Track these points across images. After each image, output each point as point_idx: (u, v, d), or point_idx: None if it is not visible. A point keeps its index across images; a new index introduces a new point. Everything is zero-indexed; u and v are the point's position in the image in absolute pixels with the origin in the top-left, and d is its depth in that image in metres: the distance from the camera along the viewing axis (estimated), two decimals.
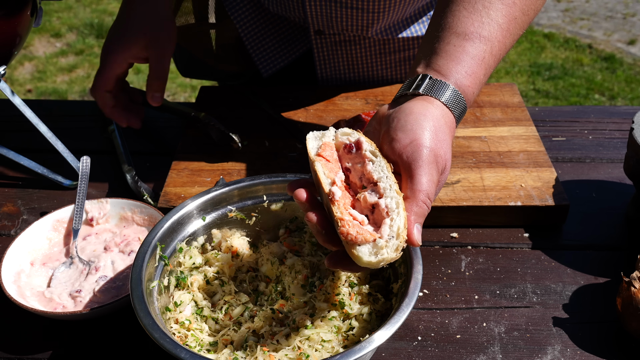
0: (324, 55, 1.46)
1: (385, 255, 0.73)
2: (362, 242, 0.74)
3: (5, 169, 1.37)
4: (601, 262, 1.11)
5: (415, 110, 0.83)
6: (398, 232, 0.74)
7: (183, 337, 0.90)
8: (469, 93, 0.88)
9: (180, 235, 0.99)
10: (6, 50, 1.23)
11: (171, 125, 1.51)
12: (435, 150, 0.80)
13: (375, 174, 0.79)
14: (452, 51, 0.88)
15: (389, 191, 0.77)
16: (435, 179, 0.80)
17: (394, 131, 0.82)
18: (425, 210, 0.78)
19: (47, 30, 4.97)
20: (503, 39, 0.91)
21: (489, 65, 0.90)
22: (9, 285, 1.00)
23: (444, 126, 0.83)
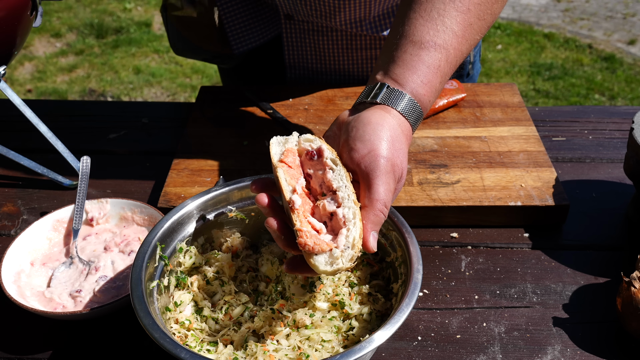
0: (292, 41, 1.49)
1: (341, 265, 0.76)
2: (319, 252, 0.76)
3: (5, 169, 1.38)
4: (601, 262, 1.11)
5: (372, 120, 0.85)
6: (354, 242, 0.77)
7: (183, 337, 0.90)
8: (425, 101, 0.91)
9: (180, 235, 0.99)
10: (6, 50, 1.23)
11: (171, 125, 1.51)
12: (392, 160, 0.83)
13: (335, 183, 0.82)
14: (408, 60, 0.90)
15: (347, 201, 0.80)
16: (392, 187, 0.83)
17: (352, 141, 0.85)
18: (381, 218, 0.81)
19: (47, 30, 4.97)
20: (459, 46, 0.93)
21: (444, 73, 0.92)
22: (9, 285, 1.00)
23: (400, 135, 0.86)
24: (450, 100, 1.43)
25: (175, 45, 1.53)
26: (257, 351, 0.86)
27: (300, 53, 1.52)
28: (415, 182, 1.22)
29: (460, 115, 1.43)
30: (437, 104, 1.41)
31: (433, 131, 1.38)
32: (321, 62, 1.53)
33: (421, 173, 1.24)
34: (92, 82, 4.35)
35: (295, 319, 0.90)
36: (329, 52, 1.50)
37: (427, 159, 1.29)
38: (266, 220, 0.82)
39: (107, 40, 4.88)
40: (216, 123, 1.42)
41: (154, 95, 4.20)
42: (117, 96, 4.18)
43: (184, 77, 4.38)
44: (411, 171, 1.25)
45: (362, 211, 0.80)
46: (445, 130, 1.38)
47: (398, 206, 1.16)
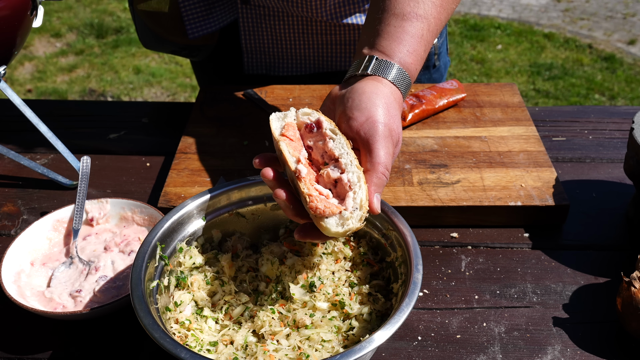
0: (248, 26, 1.51)
1: (351, 226, 0.80)
2: (330, 215, 0.80)
3: (5, 169, 1.38)
4: (601, 262, 1.11)
5: (367, 89, 0.90)
6: (361, 203, 0.81)
7: (183, 337, 0.90)
8: (412, 69, 0.96)
9: (180, 235, 0.99)
10: (6, 50, 1.23)
11: (171, 125, 1.51)
12: (389, 125, 0.87)
13: (337, 151, 0.85)
14: (393, 32, 0.96)
15: (350, 166, 0.83)
16: (391, 151, 0.87)
17: (350, 110, 0.89)
18: (384, 180, 0.86)
19: (47, 30, 4.97)
20: (438, 15, 0.99)
21: (427, 42, 0.98)
22: (9, 285, 1.00)
23: (393, 102, 0.91)
24: (450, 100, 1.43)
25: (144, 38, 1.53)
26: (257, 351, 0.86)
27: (257, 38, 1.53)
28: (415, 182, 1.22)
29: (460, 115, 1.43)
30: (437, 104, 1.41)
31: (433, 131, 1.38)
32: (278, 46, 1.54)
33: (421, 173, 1.24)
34: (92, 82, 4.35)
35: (295, 319, 0.90)
36: (286, 37, 1.52)
37: (427, 159, 1.29)
38: (274, 192, 0.85)
39: (107, 40, 4.88)
40: (216, 123, 1.42)
41: (154, 95, 4.20)
42: (117, 96, 4.18)
43: (184, 77, 4.38)
44: (411, 171, 1.25)
45: (365, 175, 0.84)
46: (445, 130, 1.38)
47: (398, 206, 1.16)
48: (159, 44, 1.52)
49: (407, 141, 1.35)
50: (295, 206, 0.85)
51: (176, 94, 4.20)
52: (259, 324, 0.90)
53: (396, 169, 1.26)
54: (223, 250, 1.03)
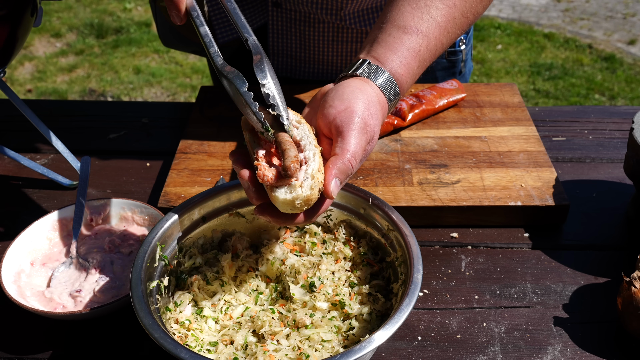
0: (277, 29, 1.51)
1: (300, 193, 0.80)
2: (279, 185, 0.81)
3: (5, 169, 1.38)
4: (601, 262, 1.11)
5: (352, 84, 0.91)
6: (312, 173, 0.81)
7: (183, 337, 0.90)
8: (403, 82, 0.96)
9: (180, 235, 0.99)
10: (6, 50, 1.23)
11: (171, 125, 1.51)
12: (366, 119, 0.87)
13: (299, 136, 0.87)
14: (391, 42, 0.96)
15: (308, 146, 0.85)
16: (363, 144, 0.86)
17: (331, 99, 0.90)
18: (349, 168, 0.84)
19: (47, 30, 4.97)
20: (440, 37, 0.99)
21: (423, 59, 0.98)
22: (9, 285, 1.00)
23: (376, 102, 0.91)
24: (450, 100, 1.43)
25: (165, 36, 1.53)
26: (257, 351, 0.86)
27: (285, 41, 1.53)
28: (415, 182, 1.22)
29: (460, 115, 1.43)
30: (437, 104, 1.41)
31: (433, 131, 1.38)
32: (306, 51, 1.54)
33: (421, 173, 1.24)
34: (92, 82, 4.35)
35: (295, 319, 0.90)
36: (314, 42, 1.52)
37: (427, 159, 1.29)
38: (238, 173, 0.86)
39: (107, 40, 4.88)
40: (216, 123, 1.42)
41: (154, 95, 4.20)
42: (117, 96, 4.18)
43: (184, 77, 4.38)
44: (411, 171, 1.25)
45: (331, 158, 0.84)
46: (445, 130, 1.38)
47: (398, 206, 1.16)
48: (182, 43, 1.53)
49: (407, 141, 1.35)
50: (257, 188, 0.86)
51: (176, 94, 4.20)
52: (259, 324, 0.90)
53: (396, 169, 1.26)
54: (223, 250, 1.03)
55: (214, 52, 0.90)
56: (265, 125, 0.85)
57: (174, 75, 4.38)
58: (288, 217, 0.85)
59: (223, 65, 0.88)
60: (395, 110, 1.36)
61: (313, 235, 1.03)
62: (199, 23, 0.93)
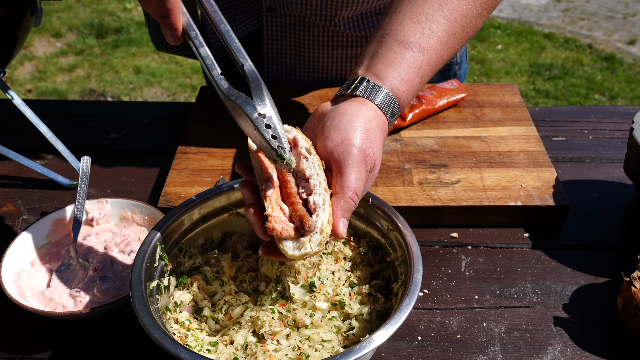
0: (272, 34, 1.50)
1: (308, 250, 0.79)
2: (287, 237, 0.79)
3: (5, 169, 1.38)
4: (601, 262, 1.11)
5: (349, 111, 0.88)
6: (322, 227, 0.79)
7: (183, 337, 0.90)
8: (403, 98, 0.93)
9: (180, 235, 0.99)
10: (6, 50, 1.23)
11: (171, 125, 1.51)
12: (365, 150, 0.85)
13: (308, 171, 0.84)
14: (391, 57, 0.93)
15: (318, 188, 0.82)
16: (364, 177, 0.85)
17: (327, 130, 0.87)
18: (352, 205, 0.83)
19: (47, 30, 4.97)
20: (441, 52, 0.97)
21: (424, 75, 0.96)
22: (9, 285, 1.00)
23: (375, 127, 0.88)
24: (450, 100, 1.43)
25: (158, 40, 1.52)
26: (257, 351, 0.86)
27: (280, 47, 1.52)
28: (415, 182, 1.22)
29: (460, 115, 1.43)
30: (437, 104, 1.41)
31: (433, 131, 1.38)
32: (300, 57, 1.53)
33: (421, 173, 1.24)
34: (92, 82, 4.35)
35: (295, 319, 0.90)
36: (309, 47, 1.50)
37: (427, 159, 1.29)
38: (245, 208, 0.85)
39: (107, 40, 4.88)
40: (216, 123, 1.42)
41: (154, 95, 4.20)
42: (117, 96, 4.18)
43: (184, 77, 4.38)
44: (411, 171, 1.25)
45: (333, 198, 0.82)
46: (445, 130, 1.38)
47: (398, 206, 1.16)
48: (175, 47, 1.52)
49: (407, 141, 1.35)
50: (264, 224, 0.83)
51: (176, 94, 4.20)
52: (259, 324, 0.90)
53: (396, 169, 1.26)
54: (223, 250, 1.03)
55: (217, 75, 0.85)
56: (280, 153, 0.80)
57: (174, 75, 4.38)
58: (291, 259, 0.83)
59: (230, 90, 0.83)
60: None
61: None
62: (198, 44, 0.87)
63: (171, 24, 0.87)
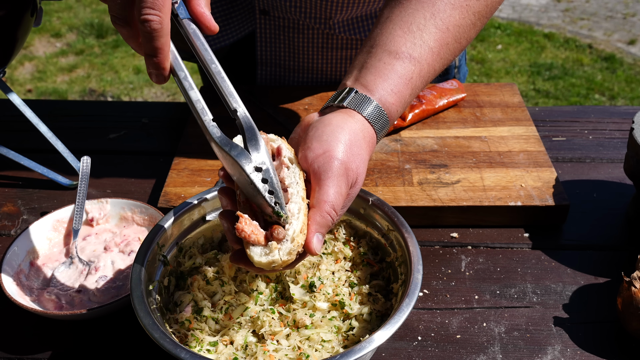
0: (265, 37, 1.48)
1: (276, 257, 0.74)
2: (255, 243, 0.75)
3: (5, 169, 1.38)
4: (601, 262, 1.11)
5: (333, 122, 0.84)
6: (293, 235, 0.75)
7: (183, 337, 0.90)
8: (393, 110, 0.89)
9: (180, 235, 0.99)
10: (6, 50, 1.23)
11: (171, 126, 1.51)
12: (347, 164, 0.81)
13: (287, 180, 0.80)
14: (381, 68, 0.90)
15: (295, 197, 0.78)
16: (344, 191, 0.80)
17: (310, 140, 0.83)
18: (328, 220, 0.79)
19: (47, 30, 4.97)
20: (432, 63, 0.92)
21: (415, 86, 0.92)
22: (9, 285, 1.00)
23: (361, 140, 0.84)
24: (450, 100, 1.43)
25: None
26: (257, 351, 0.86)
27: (274, 49, 1.51)
28: (415, 182, 1.22)
29: (460, 115, 1.43)
30: (437, 104, 1.41)
31: (433, 131, 1.38)
32: (294, 59, 1.52)
33: (421, 173, 1.25)
34: (92, 82, 4.35)
35: (295, 319, 0.90)
36: (303, 49, 1.49)
37: (427, 159, 1.29)
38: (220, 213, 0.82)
39: (107, 40, 4.88)
40: (216, 123, 1.42)
41: (154, 95, 4.20)
42: (117, 96, 4.18)
43: None
44: (411, 171, 1.25)
45: (309, 212, 0.79)
46: (445, 130, 1.38)
47: (398, 206, 1.16)
48: None
49: (407, 141, 1.35)
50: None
51: (176, 94, 4.20)
52: (259, 324, 0.90)
53: (396, 169, 1.26)
54: (223, 250, 1.03)
55: (209, 121, 0.79)
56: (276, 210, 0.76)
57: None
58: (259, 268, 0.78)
59: (223, 139, 0.78)
60: None
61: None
62: (187, 86, 0.80)
63: (158, 63, 0.79)
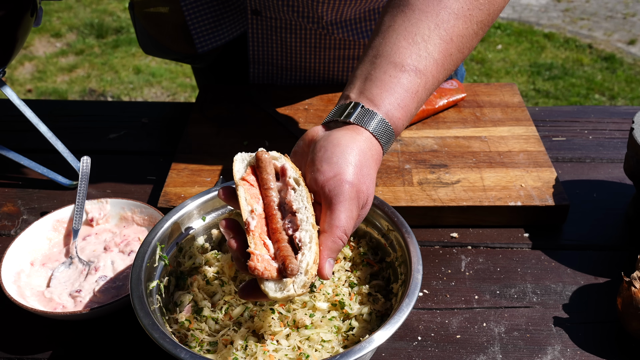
0: (257, 37, 1.48)
1: (292, 292, 0.74)
2: (269, 278, 0.74)
3: (5, 169, 1.38)
4: (601, 262, 1.11)
5: (342, 142, 0.83)
6: (307, 268, 0.75)
7: (183, 337, 0.90)
8: (399, 124, 0.89)
9: (180, 235, 0.99)
10: (6, 50, 1.23)
11: (171, 125, 1.51)
12: (358, 186, 0.81)
13: (295, 204, 0.80)
14: (387, 81, 0.88)
15: (305, 224, 0.78)
16: (355, 214, 0.81)
17: (319, 162, 0.82)
18: (340, 245, 0.79)
19: (47, 30, 4.97)
20: (437, 74, 0.92)
21: (420, 99, 0.91)
22: (9, 285, 1.00)
23: (369, 160, 0.84)
24: (450, 100, 1.43)
25: (144, 45, 1.51)
26: (257, 351, 0.86)
27: (266, 49, 1.51)
28: (415, 182, 1.22)
29: (460, 115, 1.43)
30: (437, 104, 1.41)
31: (433, 131, 1.38)
32: (287, 58, 1.52)
33: (421, 173, 1.24)
34: (92, 82, 4.35)
35: (295, 319, 0.90)
36: (296, 49, 1.49)
37: (427, 159, 1.29)
38: (227, 242, 0.81)
39: (107, 40, 4.88)
40: (216, 123, 1.42)
41: (154, 95, 4.20)
42: (117, 96, 4.18)
43: (184, 77, 4.38)
44: (411, 171, 1.25)
45: (320, 236, 0.78)
46: (445, 130, 1.38)
47: (398, 206, 1.16)
48: (161, 52, 1.51)
49: (407, 141, 1.35)
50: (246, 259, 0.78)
51: (176, 94, 4.20)
52: (259, 324, 0.90)
53: (396, 169, 1.26)
54: (223, 250, 1.03)
55: None
56: None
57: (174, 75, 4.38)
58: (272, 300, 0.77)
59: None
60: None
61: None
62: None
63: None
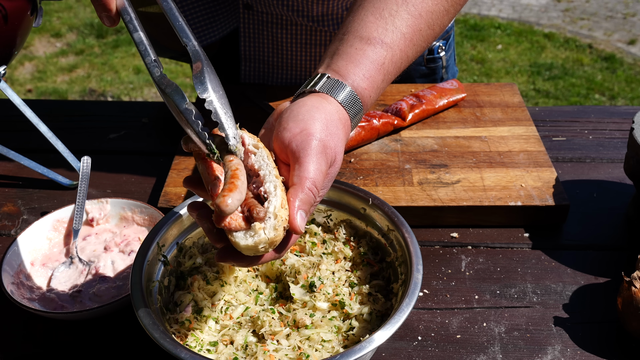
0: (249, 32, 1.48)
1: (262, 236, 0.73)
2: (237, 228, 0.73)
3: (5, 169, 1.38)
4: (601, 262, 1.11)
5: (308, 103, 0.84)
6: (274, 211, 0.74)
7: (183, 337, 0.90)
8: (366, 96, 0.89)
9: (180, 235, 0.99)
10: (6, 50, 1.23)
11: (171, 126, 1.51)
12: (325, 142, 0.80)
13: (257, 164, 0.79)
14: (353, 54, 0.89)
15: (268, 176, 0.77)
16: (324, 169, 0.80)
17: (285, 121, 0.82)
18: (311, 197, 0.78)
19: (47, 30, 4.97)
20: (405, 49, 0.92)
21: (388, 72, 0.91)
22: (9, 285, 1.00)
23: (337, 121, 0.84)
24: (450, 100, 1.43)
25: None
26: (257, 351, 0.86)
27: (257, 45, 1.50)
28: (415, 182, 1.22)
29: (460, 115, 1.43)
30: (437, 104, 1.41)
31: (433, 131, 1.38)
32: (278, 55, 1.51)
33: (421, 173, 1.25)
34: (92, 82, 4.35)
35: (295, 319, 0.90)
36: (287, 45, 1.49)
37: (427, 159, 1.29)
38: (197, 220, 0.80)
39: (107, 40, 4.88)
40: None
41: (154, 95, 4.20)
42: (117, 96, 4.18)
43: (184, 77, 4.38)
44: (411, 171, 1.25)
45: (290, 190, 0.77)
46: (445, 130, 1.38)
47: (398, 206, 1.16)
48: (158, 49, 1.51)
49: (407, 141, 1.35)
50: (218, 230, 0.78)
51: None
52: (259, 324, 0.90)
53: (396, 169, 1.26)
54: None
55: (150, 62, 0.80)
56: (210, 147, 0.76)
57: (174, 75, 4.39)
58: (253, 259, 0.77)
59: (160, 78, 0.78)
60: (395, 110, 1.36)
61: (313, 235, 1.03)
62: (132, 28, 0.82)
63: (104, 4, 0.82)
